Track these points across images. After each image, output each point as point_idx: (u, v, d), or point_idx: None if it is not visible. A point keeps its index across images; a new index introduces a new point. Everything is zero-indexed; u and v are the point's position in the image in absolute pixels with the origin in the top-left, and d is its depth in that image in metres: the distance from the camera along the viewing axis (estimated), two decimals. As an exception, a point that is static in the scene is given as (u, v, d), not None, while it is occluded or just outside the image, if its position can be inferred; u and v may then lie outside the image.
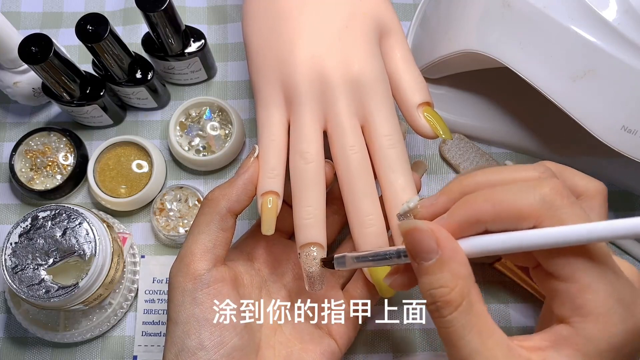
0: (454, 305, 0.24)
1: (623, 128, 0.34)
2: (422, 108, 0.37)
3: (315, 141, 0.35)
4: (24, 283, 0.37)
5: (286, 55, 0.35)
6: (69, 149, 0.47)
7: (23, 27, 0.53)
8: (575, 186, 0.29)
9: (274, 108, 0.36)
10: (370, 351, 0.43)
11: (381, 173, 0.35)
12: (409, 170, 0.36)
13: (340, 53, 0.35)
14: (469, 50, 0.39)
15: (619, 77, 0.34)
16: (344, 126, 0.35)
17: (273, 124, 0.36)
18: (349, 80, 0.35)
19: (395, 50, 0.38)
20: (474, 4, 0.39)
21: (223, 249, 0.34)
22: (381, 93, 0.36)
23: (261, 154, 0.35)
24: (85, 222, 0.39)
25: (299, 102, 0.35)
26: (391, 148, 0.35)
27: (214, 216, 0.34)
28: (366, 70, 0.35)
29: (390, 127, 0.36)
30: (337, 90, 0.35)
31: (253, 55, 0.37)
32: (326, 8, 0.37)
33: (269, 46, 0.36)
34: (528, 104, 0.46)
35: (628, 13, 0.33)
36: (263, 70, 0.37)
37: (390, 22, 0.38)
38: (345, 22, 0.36)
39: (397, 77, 0.38)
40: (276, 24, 0.37)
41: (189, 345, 0.31)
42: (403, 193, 0.34)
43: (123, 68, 0.45)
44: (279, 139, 0.35)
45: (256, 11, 0.38)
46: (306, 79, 0.35)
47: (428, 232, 0.25)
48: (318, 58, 0.35)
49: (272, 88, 0.36)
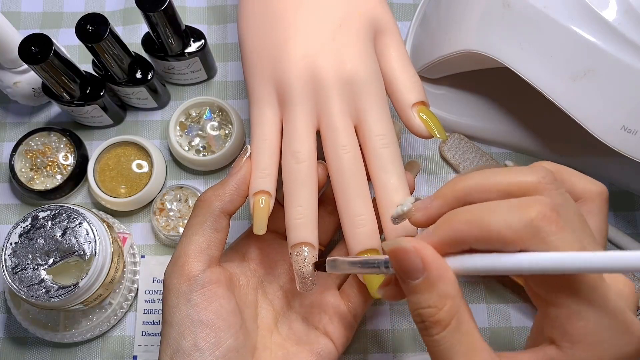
0: (442, 325, 0.24)
1: (623, 128, 0.34)
2: (417, 107, 0.37)
3: (308, 141, 0.35)
4: (24, 283, 0.37)
5: (280, 55, 0.35)
6: (69, 149, 0.47)
7: (23, 27, 0.53)
8: (574, 188, 0.29)
9: (267, 107, 0.36)
10: (370, 351, 0.43)
11: (374, 173, 0.35)
12: (402, 171, 0.35)
13: (334, 52, 0.35)
14: (469, 50, 0.39)
15: (619, 77, 0.34)
16: (337, 126, 0.35)
17: (266, 123, 0.35)
18: (342, 79, 0.35)
19: (390, 50, 0.38)
20: (474, 4, 0.39)
21: (217, 249, 0.34)
22: (375, 92, 0.36)
23: (253, 154, 0.35)
24: (85, 222, 0.39)
25: (291, 102, 0.35)
26: (384, 148, 0.35)
27: (207, 217, 0.34)
28: (359, 70, 0.35)
29: (384, 127, 0.35)
30: (330, 90, 0.35)
31: (247, 55, 0.37)
32: (321, 8, 0.36)
33: (263, 45, 0.36)
34: (528, 104, 0.46)
35: (628, 13, 0.33)
36: (257, 70, 0.36)
37: (385, 21, 0.38)
38: (339, 22, 0.36)
39: (392, 77, 0.37)
40: (271, 24, 0.36)
41: (184, 347, 0.31)
42: (396, 193, 0.34)
43: (123, 68, 0.45)
44: (272, 138, 0.35)
45: (251, 11, 0.38)
46: (299, 79, 0.35)
47: (413, 252, 0.24)
48: (311, 57, 0.35)
49: (266, 87, 0.36)
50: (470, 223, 0.24)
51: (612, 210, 0.46)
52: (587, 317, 0.23)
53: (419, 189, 0.46)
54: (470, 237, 0.24)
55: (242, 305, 0.35)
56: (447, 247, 0.25)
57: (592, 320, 0.23)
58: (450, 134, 0.47)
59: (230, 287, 0.34)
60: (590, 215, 0.28)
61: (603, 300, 0.23)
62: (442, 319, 0.24)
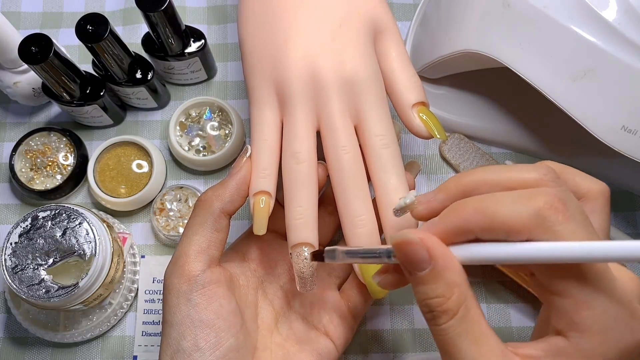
0: (450, 314, 0.24)
1: (623, 128, 0.34)
2: (417, 108, 0.37)
3: (308, 141, 0.35)
4: (24, 283, 0.37)
5: (280, 55, 0.35)
6: (69, 149, 0.47)
7: (23, 27, 0.53)
8: (577, 187, 0.29)
9: (267, 108, 0.36)
10: (370, 351, 0.43)
11: (374, 173, 0.35)
12: (402, 171, 0.35)
13: (334, 53, 0.35)
14: (469, 50, 0.39)
15: (619, 77, 0.34)
16: (336, 126, 0.35)
17: (266, 123, 0.35)
18: (342, 80, 0.35)
19: (390, 50, 0.38)
20: (474, 4, 0.39)
21: (217, 249, 0.34)
22: (374, 93, 0.36)
23: (253, 154, 0.35)
24: (85, 222, 0.39)
25: (291, 102, 0.35)
26: (384, 148, 0.35)
27: (207, 217, 0.34)
28: (359, 70, 0.35)
29: (384, 127, 0.35)
30: (330, 90, 0.35)
31: (247, 55, 0.37)
32: (321, 8, 0.36)
33: (263, 46, 0.36)
34: (528, 104, 0.46)
35: (628, 13, 0.33)
36: (257, 70, 0.36)
37: (385, 21, 0.38)
38: (339, 22, 0.36)
39: (392, 77, 0.37)
40: (271, 24, 0.36)
41: (185, 347, 0.31)
42: (395, 193, 0.34)
43: (123, 68, 0.45)
44: (272, 138, 0.35)
45: (251, 11, 0.38)
46: (299, 79, 0.35)
47: (419, 243, 0.24)
48: (311, 58, 0.35)
49: (266, 87, 0.36)
50: (477, 211, 0.24)
51: (612, 210, 0.46)
52: (594, 306, 0.23)
53: (419, 189, 0.46)
54: (477, 226, 0.24)
55: (242, 306, 0.35)
56: (453, 236, 0.25)
57: (599, 308, 0.23)
58: (450, 134, 0.47)
59: (231, 287, 0.34)
60: (593, 214, 0.28)
61: (610, 290, 0.23)
62: (450, 308, 0.24)
